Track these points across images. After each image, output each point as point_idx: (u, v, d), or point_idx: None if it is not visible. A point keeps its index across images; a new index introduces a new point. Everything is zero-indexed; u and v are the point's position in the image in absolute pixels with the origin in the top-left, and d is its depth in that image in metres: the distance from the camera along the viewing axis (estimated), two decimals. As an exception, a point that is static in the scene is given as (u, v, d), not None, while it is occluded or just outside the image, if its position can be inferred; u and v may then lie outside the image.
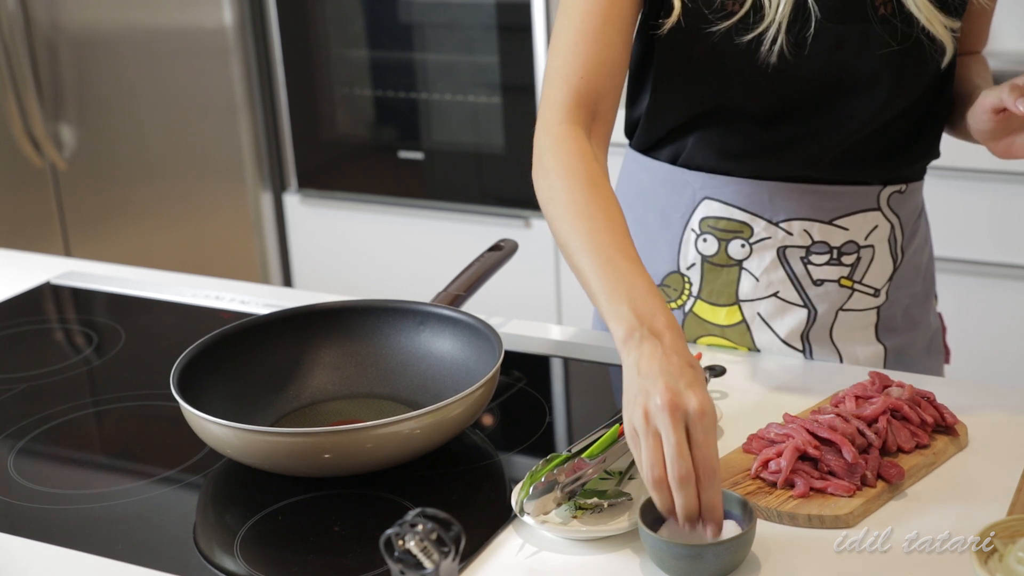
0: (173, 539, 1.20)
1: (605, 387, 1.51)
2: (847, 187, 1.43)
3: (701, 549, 1.05)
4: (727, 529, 1.09)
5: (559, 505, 1.15)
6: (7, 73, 3.41)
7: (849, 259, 1.45)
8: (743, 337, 1.49)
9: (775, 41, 1.33)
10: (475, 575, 1.11)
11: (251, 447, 1.22)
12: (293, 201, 3.34)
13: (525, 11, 2.92)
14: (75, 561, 1.16)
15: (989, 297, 2.63)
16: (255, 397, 1.39)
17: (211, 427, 1.23)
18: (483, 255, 1.61)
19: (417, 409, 1.25)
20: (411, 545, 0.93)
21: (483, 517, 1.19)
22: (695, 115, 1.42)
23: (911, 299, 1.52)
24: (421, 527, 0.94)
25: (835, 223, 1.44)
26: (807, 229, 1.43)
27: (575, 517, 1.15)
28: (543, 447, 1.33)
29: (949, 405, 1.29)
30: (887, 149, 1.43)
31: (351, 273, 3.33)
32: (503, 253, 1.62)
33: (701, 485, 1.05)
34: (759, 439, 1.24)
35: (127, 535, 1.20)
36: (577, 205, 1.23)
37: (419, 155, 3.18)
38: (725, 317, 1.49)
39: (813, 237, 1.44)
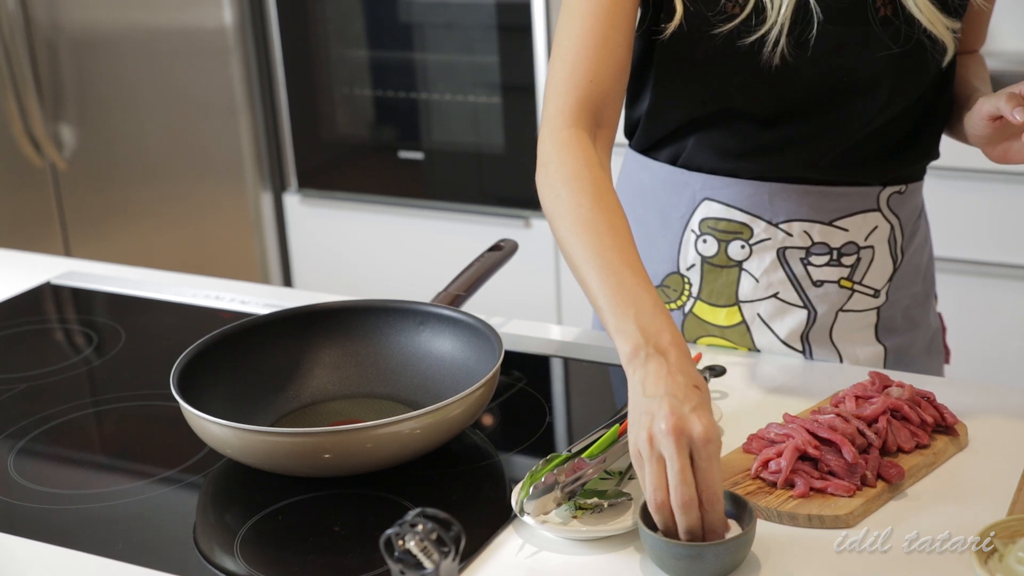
0: (173, 539, 1.20)
1: (605, 387, 1.51)
2: (847, 188, 1.43)
3: (701, 549, 1.05)
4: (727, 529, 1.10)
5: (559, 505, 1.15)
6: (7, 73, 3.41)
7: (849, 260, 1.45)
8: (743, 338, 1.49)
9: (777, 43, 1.32)
10: (475, 575, 1.11)
11: (251, 447, 1.22)
12: (293, 201, 3.34)
13: (525, 11, 2.92)
14: (75, 561, 1.16)
15: (989, 297, 2.63)
16: (255, 397, 1.39)
17: (211, 427, 1.23)
18: (483, 255, 1.60)
19: (417, 409, 1.25)
20: (411, 545, 0.93)
21: (483, 517, 1.19)
22: (696, 116, 1.42)
23: (911, 299, 1.52)
24: (421, 527, 0.94)
25: (835, 224, 1.43)
26: (807, 230, 1.43)
27: (575, 517, 1.15)
28: (543, 447, 1.33)
29: (949, 405, 1.29)
30: (887, 150, 1.43)
31: (351, 273, 3.33)
32: (503, 253, 1.61)
33: (703, 509, 1.05)
34: (759, 439, 1.24)
35: (127, 535, 1.20)
36: (582, 214, 1.22)
37: (419, 155, 3.18)
38: (725, 318, 1.49)
39: (813, 238, 1.44)
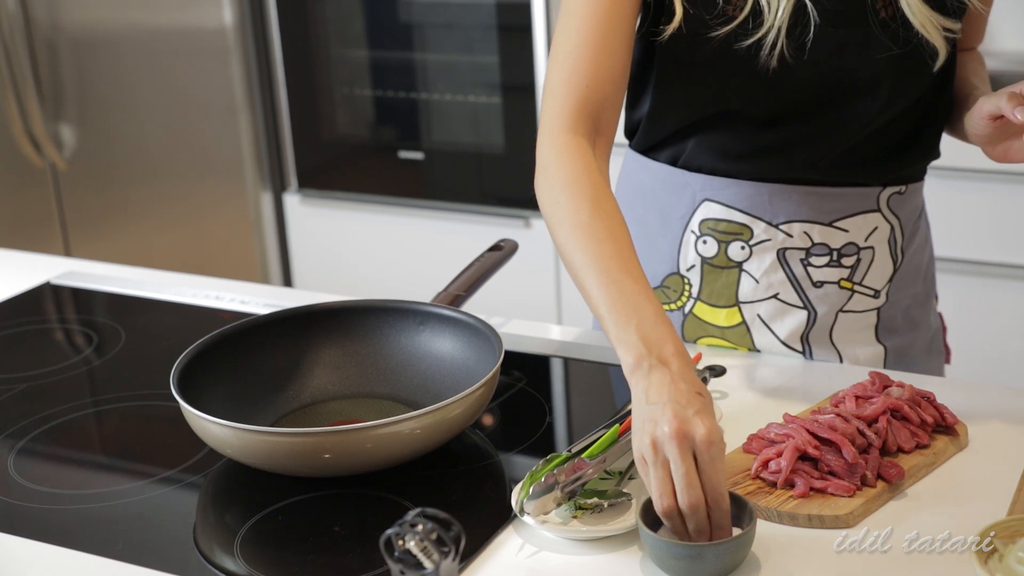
0: (173, 539, 1.20)
1: (605, 387, 1.51)
2: (847, 189, 1.43)
3: (701, 549, 1.05)
4: (727, 529, 1.10)
5: (559, 505, 1.15)
6: (7, 73, 3.41)
7: (849, 261, 1.45)
8: (743, 338, 1.49)
9: (774, 46, 1.32)
10: (475, 575, 1.11)
11: (251, 447, 1.22)
12: (293, 201, 3.34)
13: (525, 11, 2.92)
14: (75, 561, 1.16)
15: (989, 297, 2.63)
16: (255, 397, 1.39)
17: (211, 427, 1.23)
18: (483, 255, 1.60)
19: (417, 409, 1.25)
20: (411, 545, 0.93)
21: (483, 517, 1.19)
22: (696, 119, 1.42)
23: (911, 300, 1.52)
24: (421, 527, 0.94)
25: (835, 225, 1.43)
26: (807, 231, 1.43)
27: (575, 517, 1.15)
28: (543, 447, 1.33)
29: (949, 405, 1.29)
30: (887, 150, 1.43)
31: (351, 273, 3.33)
32: (503, 253, 1.61)
33: (710, 509, 1.06)
34: (759, 439, 1.24)
35: (127, 535, 1.20)
36: (581, 220, 1.22)
37: (419, 155, 3.18)
38: (725, 319, 1.49)
39: (813, 239, 1.44)
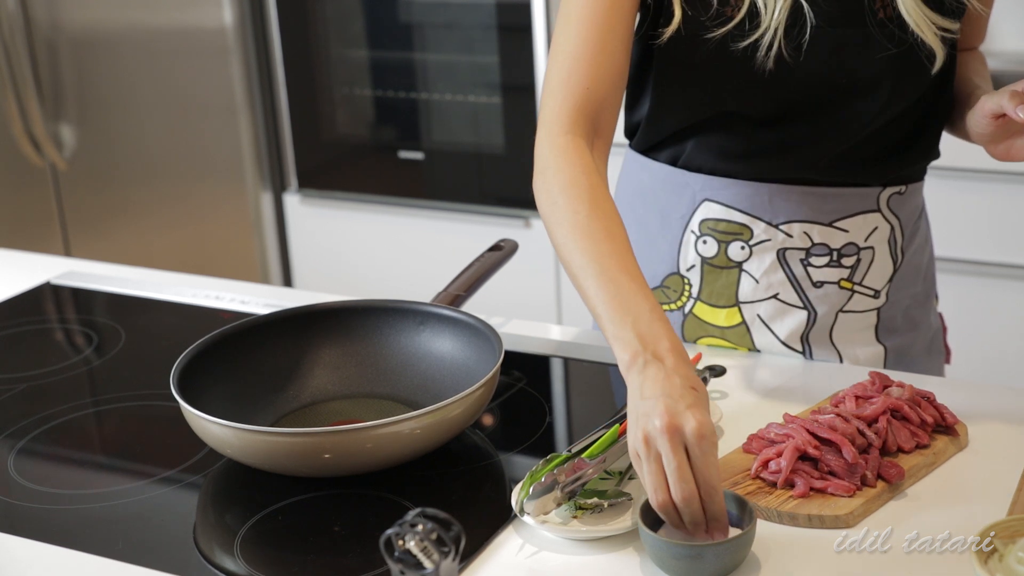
0: (173, 539, 1.20)
1: (605, 387, 1.51)
2: (847, 189, 1.43)
3: (701, 549, 1.05)
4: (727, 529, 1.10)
5: (559, 505, 1.15)
6: (7, 73, 3.41)
7: (849, 261, 1.45)
8: (743, 339, 1.49)
9: (771, 47, 1.32)
10: (475, 575, 1.11)
11: (251, 447, 1.22)
12: (293, 201, 3.34)
13: (525, 11, 2.92)
14: (75, 561, 1.16)
15: (989, 297, 2.63)
16: (255, 397, 1.39)
17: (211, 427, 1.23)
18: (483, 255, 1.60)
19: (417, 409, 1.25)
20: (411, 545, 0.93)
21: (483, 517, 1.19)
22: (695, 120, 1.42)
23: (911, 300, 1.52)
24: (421, 527, 0.94)
25: (835, 225, 1.43)
26: (807, 231, 1.43)
27: (575, 517, 1.15)
28: (543, 447, 1.33)
29: (949, 405, 1.29)
30: (887, 150, 1.43)
31: (351, 273, 3.33)
32: (503, 253, 1.62)
33: (704, 501, 1.06)
34: (759, 439, 1.24)
35: (127, 535, 1.20)
36: (579, 221, 1.22)
37: (419, 155, 3.18)
38: (725, 319, 1.49)
39: (813, 239, 1.44)
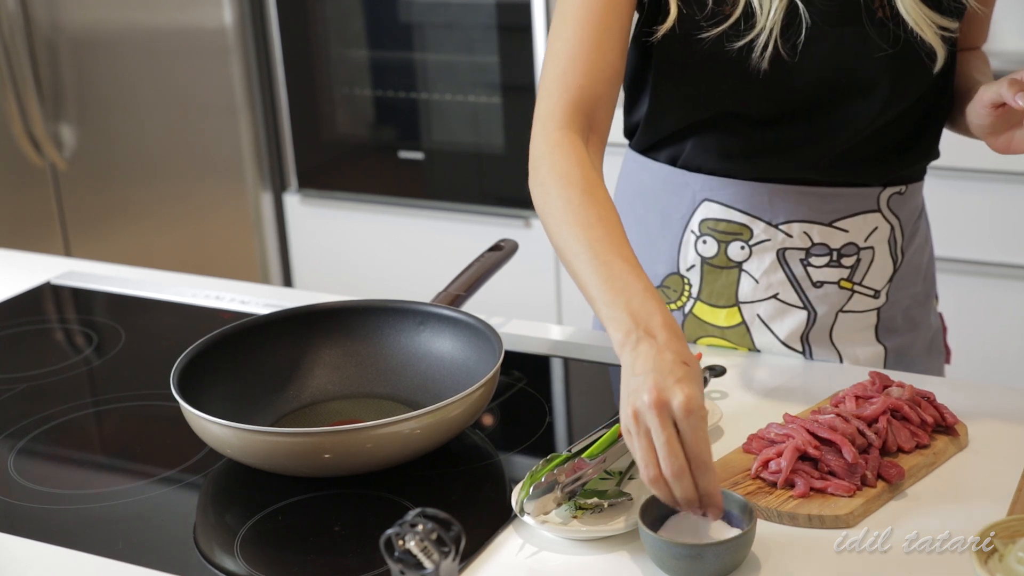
0: (173, 539, 1.20)
1: (605, 387, 1.51)
2: (847, 189, 1.43)
3: (701, 549, 1.05)
4: (727, 529, 1.10)
5: (559, 505, 1.15)
6: (7, 73, 3.41)
7: (849, 261, 1.45)
8: (743, 339, 1.49)
9: (766, 47, 1.32)
10: (475, 575, 1.11)
11: (251, 447, 1.22)
12: (293, 201, 3.34)
13: (525, 11, 2.92)
14: (75, 561, 1.16)
15: (989, 297, 2.63)
16: (255, 397, 1.39)
17: (211, 427, 1.23)
18: (483, 255, 1.60)
19: (417, 409, 1.25)
20: (411, 545, 0.93)
21: (483, 517, 1.19)
22: (693, 120, 1.42)
23: (911, 300, 1.52)
24: (421, 527, 0.94)
25: (835, 225, 1.43)
26: (807, 231, 1.43)
27: (575, 517, 1.15)
28: (543, 447, 1.33)
29: (949, 405, 1.29)
30: (887, 150, 1.43)
31: (351, 273, 3.33)
32: (503, 253, 1.62)
33: (695, 476, 1.05)
34: (759, 439, 1.24)
35: (127, 535, 1.20)
36: (571, 208, 1.22)
37: (419, 155, 3.18)
38: (725, 319, 1.49)
39: (813, 239, 1.44)
